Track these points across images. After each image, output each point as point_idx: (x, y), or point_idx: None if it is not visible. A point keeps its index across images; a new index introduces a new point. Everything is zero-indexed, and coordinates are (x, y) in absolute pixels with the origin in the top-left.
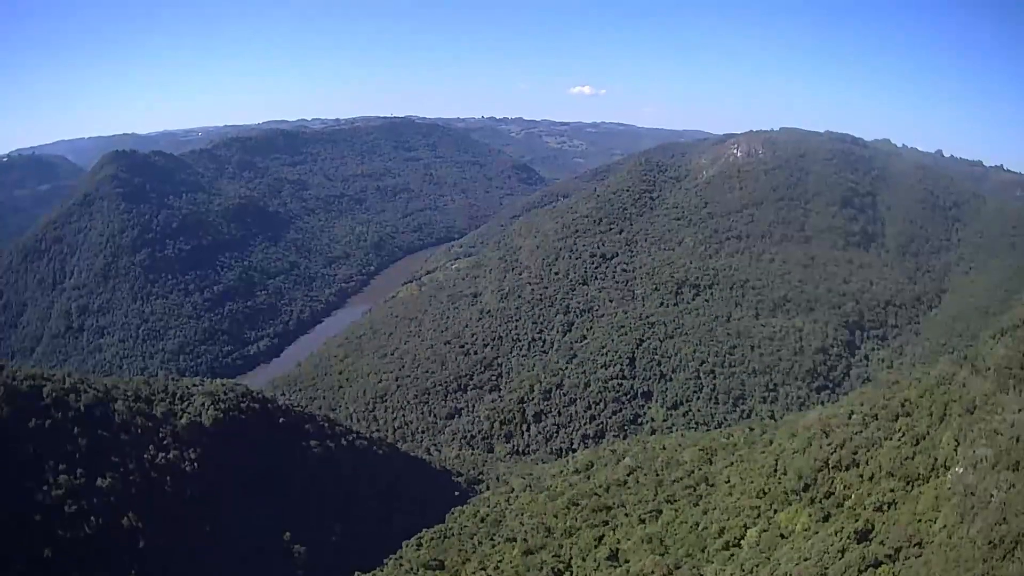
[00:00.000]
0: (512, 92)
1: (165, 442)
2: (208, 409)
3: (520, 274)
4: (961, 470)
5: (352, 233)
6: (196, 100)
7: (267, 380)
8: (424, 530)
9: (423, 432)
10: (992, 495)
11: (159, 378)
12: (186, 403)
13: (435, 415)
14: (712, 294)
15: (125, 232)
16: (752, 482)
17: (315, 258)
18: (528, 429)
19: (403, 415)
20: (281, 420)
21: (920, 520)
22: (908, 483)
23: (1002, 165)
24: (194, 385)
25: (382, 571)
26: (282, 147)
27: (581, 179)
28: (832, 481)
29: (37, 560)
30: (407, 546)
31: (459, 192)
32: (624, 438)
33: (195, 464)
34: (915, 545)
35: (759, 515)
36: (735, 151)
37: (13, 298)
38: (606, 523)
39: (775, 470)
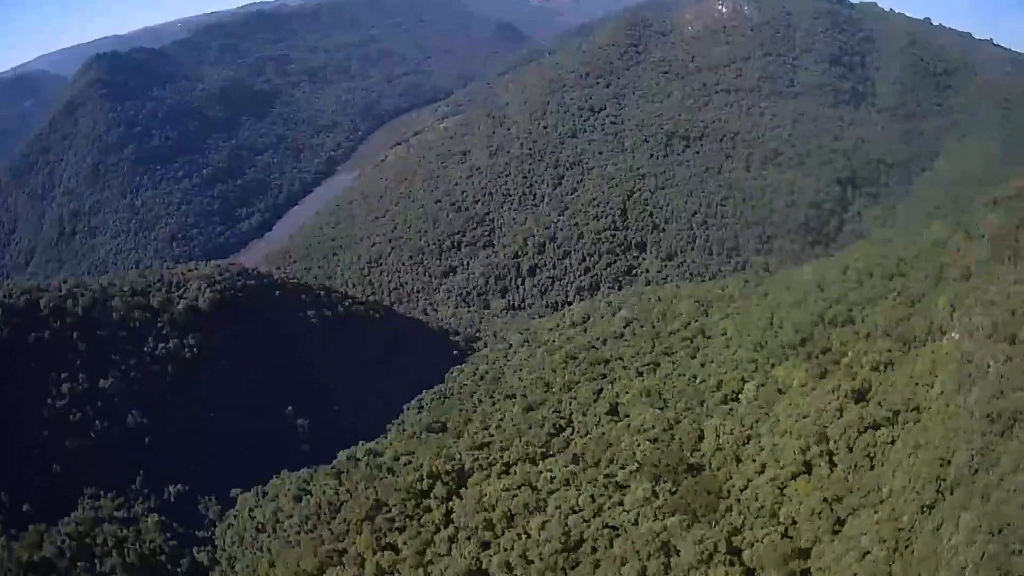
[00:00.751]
0: None
1: (164, 332)
2: (204, 292)
3: (508, 130)
4: (957, 336)
5: (338, 101)
6: None
7: (261, 256)
8: (425, 391)
9: (419, 292)
10: (989, 365)
11: (154, 268)
12: (182, 289)
13: (430, 274)
14: (702, 146)
15: (111, 130)
16: (748, 335)
17: (303, 129)
18: (523, 283)
19: (398, 277)
20: (277, 293)
21: (917, 384)
22: (904, 344)
23: (991, 39)
24: (189, 270)
25: (386, 438)
26: (263, 27)
27: (566, 35)
28: (828, 337)
29: (49, 476)
30: (409, 410)
31: (443, 54)
32: (619, 290)
33: (194, 350)
34: (912, 410)
35: (756, 369)
36: (720, 7)
37: (4, 216)
38: (604, 376)
39: (771, 323)
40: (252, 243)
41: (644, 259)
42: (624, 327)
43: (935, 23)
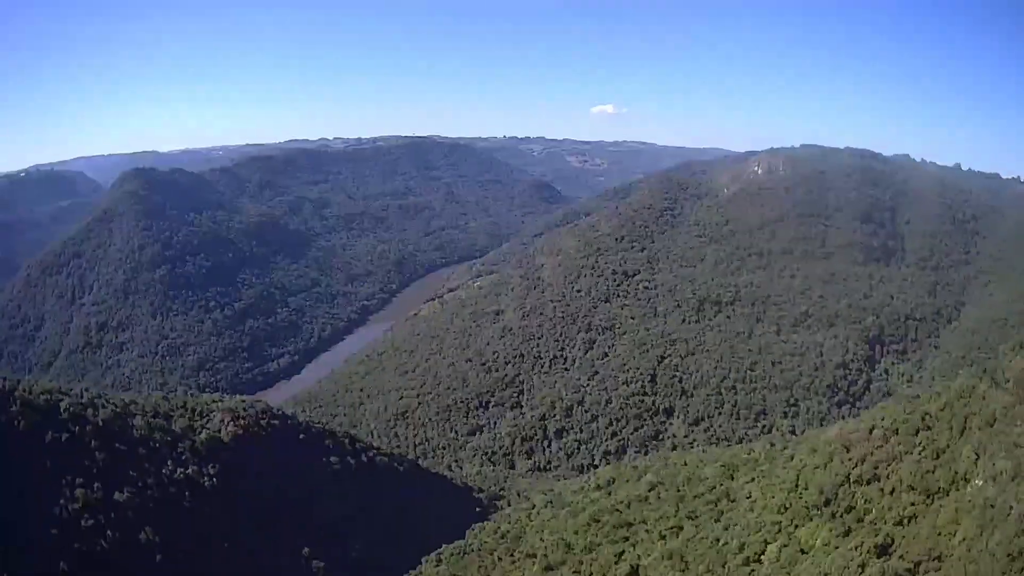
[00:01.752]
0: (534, 111)
1: (184, 457)
2: (228, 425)
3: (542, 292)
4: (981, 483)
5: (374, 251)
6: (218, 119)
7: (287, 397)
8: (444, 546)
9: (444, 449)
10: (1011, 507)
11: (178, 394)
12: (205, 419)
13: (456, 432)
14: (734, 310)
15: (145, 248)
16: (773, 497)
17: (336, 276)
18: (549, 445)
19: (424, 432)
20: (301, 436)
21: (940, 533)
22: (928, 496)
23: (1019, 177)
24: (214, 401)
25: None
26: (303, 166)
27: (603, 198)
28: (853, 495)
29: (54, 574)
30: (427, 562)
31: (481, 211)
32: (645, 454)
33: (214, 480)
34: (935, 559)
35: (780, 530)
36: (756, 168)
37: (31, 312)
38: (627, 539)
39: (796, 485)
40: (279, 383)
41: (671, 424)
42: (649, 491)
43: (964, 168)
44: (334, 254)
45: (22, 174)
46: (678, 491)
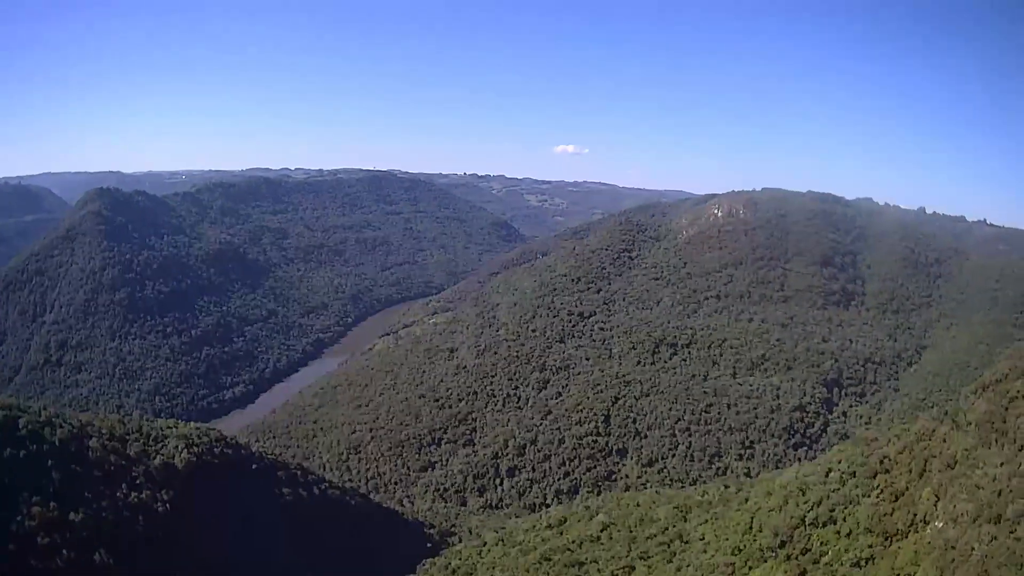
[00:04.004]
0: (495, 149)
1: (138, 481)
2: (181, 452)
3: (497, 331)
4: (941, 524)
5: (331, 284)
6: (182, 143)
7: (241, 426)
8: None
9: (396, 484)
10: (973, 548)
11: (134, 417)
12: (160, 444)
13: (408, 467)
14: (689, 353)
15: (106, 270)
16: (727, 539)
17: (293, 307)
18: (502, 484)
19: (376, 466)
20: (254, 466)
21: (899, 575)
22: (887, 538)
23: (985, 219)
24: (168, 427)
25: None
26: (264, 195)
27: (561, 237)
28: (809, 538)
29: None
30: None
31: (438, 247)
32: (598, 494)
33: (167, 505)
34: None
35: (733, 572)
36: (716, 211)
37: None
38: None
39: (750, 527)
40: (234, 412)
41: (624, 464)
42: (601, 531)
43: (929, 211)
44: (291, 285)
45: None
46: (630, 531)
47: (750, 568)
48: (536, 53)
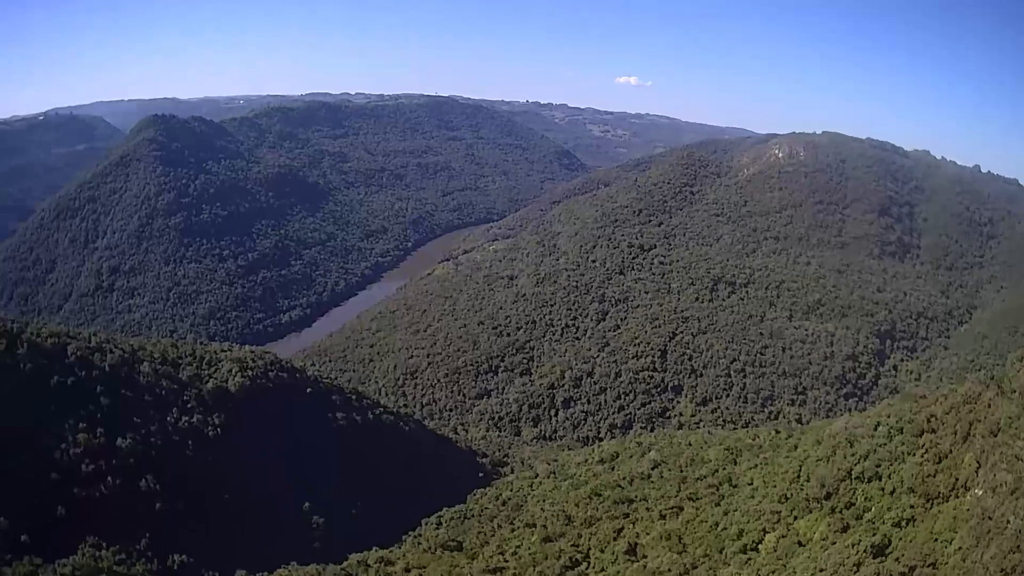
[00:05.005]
0: (558, 78)
1: (189, 406)
2: (235, 375)
3: (557, 260)
4: (980, 492)
5: (391, 208)
6: (239, 69)
7: (297, 349)
8: (445, 509)
9: (451, 411)
10: (1008, 521)
11: (187, 341)
12: (213, 368)
13: (464, 395)
14: (747, 293)
15: (161, 195)
16: (775, 486)
17: (352, 231)
18: (556, 415)
19: (432, 393)
20: (308, 390)
21: (936, 540)
22: (928, 500)
23: None
24: (222, 351)
25: (399, 548)
26: (324, 119)
27: (623, 168)
28: (854, 492)
29: (52, 517)
30: (427, 524)
31: (500, 174)
32: (651, 431)
33: (218, 430)
34: (929, 565)
35: (779, 520)
36: (777, 151)
37: (43, 255)
38: (626, 516)
39: (798, 476)
40: (290, 336)
41: (679, 402)
42: (652, 469)
43: (984, 170)
44: (351, 209)
45: (40, 117)
46: (681, 471)
47: (795, 518)
48: None
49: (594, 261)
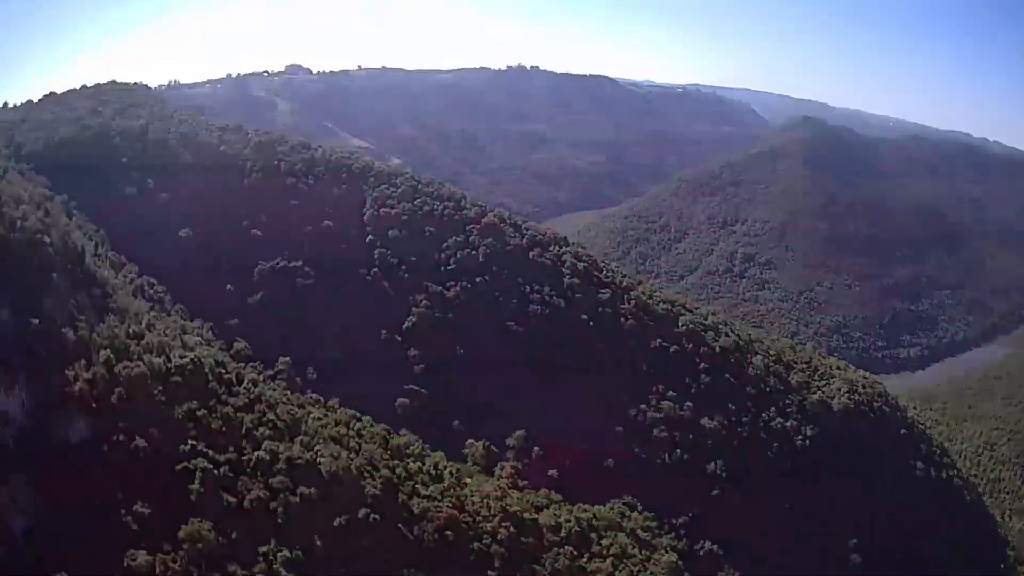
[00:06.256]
0: None
1: (788, 410)
2: (843, 395)
3: None
4: None
5: (1016, 271)
6: (892, 94)
7: (905, 386)
8: None
9: (1007, 493)
10: None
11: (806, 348)
12: (824, 381)
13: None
14: None
15: (808, 196)
16: None
17: (981, 283)
18: None
19: (1001, 470)
20: (902, 431)
21: None
22: None
23: None
24: (838, 367)
25: None
26: (963, 160)
27: None
28: None
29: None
30: None
31: None
32: None
33: (806, 441)
34: None
35: None
36: None
37: (673, 222)
38: None
39: None
40: (904, 373)
41: None
42: None
43: None
44: (982, 260)
45: (679, 90)
46: None
47: None
48: None
49: None
